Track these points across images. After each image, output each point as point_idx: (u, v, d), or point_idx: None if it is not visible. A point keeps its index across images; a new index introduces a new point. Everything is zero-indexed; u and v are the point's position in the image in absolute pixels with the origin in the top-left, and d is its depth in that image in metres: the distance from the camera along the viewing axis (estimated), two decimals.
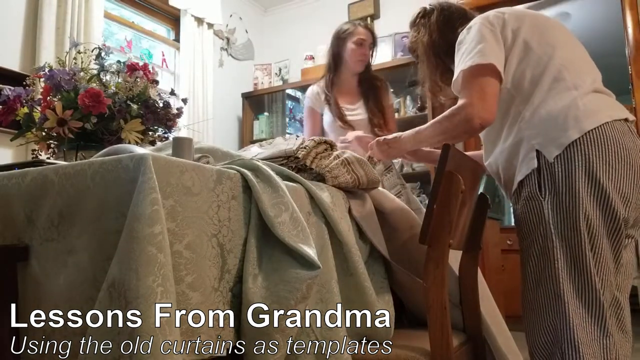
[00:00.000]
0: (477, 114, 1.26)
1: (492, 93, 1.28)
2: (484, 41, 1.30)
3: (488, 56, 1.28)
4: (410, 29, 1.65)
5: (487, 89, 1.28)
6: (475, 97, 1.27)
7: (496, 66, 1.28)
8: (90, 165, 0.82)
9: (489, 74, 1.28)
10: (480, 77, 1.28)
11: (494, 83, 1.29)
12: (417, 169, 3.46)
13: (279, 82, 4.19)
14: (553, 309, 1.18)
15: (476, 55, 1.29)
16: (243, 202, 0.95)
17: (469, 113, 1.27)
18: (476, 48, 1.30)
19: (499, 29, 1.34)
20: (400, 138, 1.49)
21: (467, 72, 1.30)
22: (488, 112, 1.27)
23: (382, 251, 1.21)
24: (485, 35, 1.32)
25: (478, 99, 1.27)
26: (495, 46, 1.31)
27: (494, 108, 1.28)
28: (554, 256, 1.18)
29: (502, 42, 1.32)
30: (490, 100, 1.27)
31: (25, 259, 0.87)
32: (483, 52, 1.29)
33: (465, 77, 1.31)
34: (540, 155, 1.23)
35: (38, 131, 1.40)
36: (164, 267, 0.72)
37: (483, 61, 1.28)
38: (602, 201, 1.16)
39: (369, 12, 4.06)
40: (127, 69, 1.43)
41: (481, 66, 1.28)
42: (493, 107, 1.28)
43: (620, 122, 1.22)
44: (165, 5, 3.71)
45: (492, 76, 1.28)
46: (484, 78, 1.28)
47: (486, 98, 1.27)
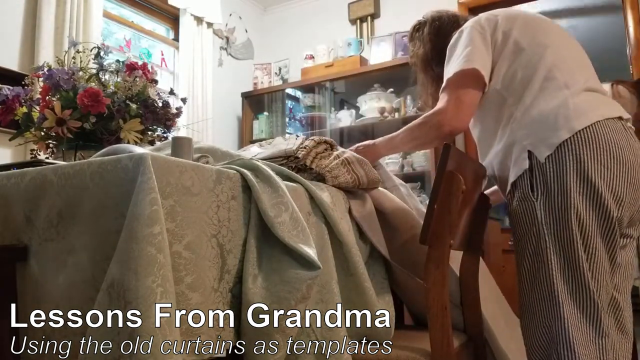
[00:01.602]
0: (448, 121, 1.30)
1: (469, 102, 1.32)
2: (471, 45, 1.32)
3: (473, 61, 1.30)
4: (409, 44, 1.67)
5: (464, 97, 1.31)
6: (450, 105, 1.31)
7: (480, 71, 1.30)
8: (90, 165, 0.82)
9: (470, 81, 1.31)
10: (460, 86, 1.32)
11: (473, 92, 1.32)
12: (417, 169, 3.45)
13: (279, 81, 4.19)
14: (548, 310, 1.18)
15: (462, 60, 1.32)
16: (243, 202, 0.95)
17: (440, 120, 1.32)
18: (463, 53, 1.32)
19: (490, 31, 1.34)
20: (375, 144, 1.51)
21: (451, 79, 1.33)
22: (460, 120, 1.31)
23: (382, 251, 1.21)
24: (474, 38, 1.33)
25: (453, 106, 1.31)
26: (482, 50, 1.32)
27: (467, 117, 1.33)
28: (547, 257, 1.18)
29: (491, 45, 1.34)
30: (465, 110, 1.31)
31: (24, 259, 0.87)
32: (468, 58, 1.31)
33: (447, 83, 1.34)
34: (532, 155, 1.23)
35: (37, 131, 1.40)
36: (164, 267, 0.72)
37: (467, 66, 1.30)
38: (594, 201, 1.16)
39: (369, 12, 4.06)
40: (126, 68, 1.43)
41: (465, 72, 1.31)
42: (467, 117, 1.33)
43: (614, 120, 1.21)
44: (164, 5, 3.71)
45: (473, 83, 1.31)
46: (464, 87, 1.32)
47: (461, 107, 1.31)
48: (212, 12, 3.91)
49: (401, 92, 3.67)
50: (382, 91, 3.70)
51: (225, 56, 4.22)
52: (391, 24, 3.86)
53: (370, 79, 3.72)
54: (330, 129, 3.84)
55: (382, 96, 3.68)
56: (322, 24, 4.26)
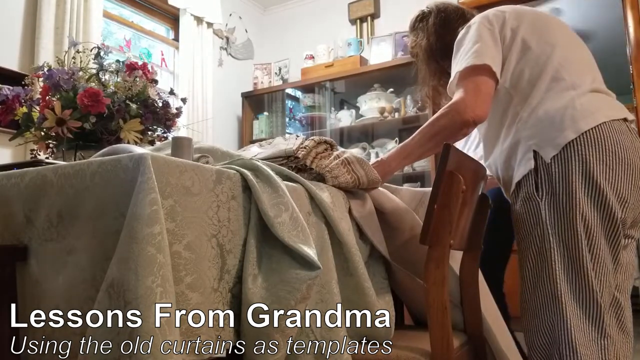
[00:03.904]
0: (471, 109, 1.24)
1: (487, 92, 1.27)
2: (480, 41, 1.30)
3: (483, 57, 1.28)
4: (409, 34, 1.64)
5: (481, 86, 1.27)
6: (469, 94, 1.26)
7: (491, 67, 1.27)
8: (89, 165, 0.82)
9: (484, 74, 1.28)
10: (475, 76, 1.28)
11: (489, 82, 1.28)
12: (417, 169, 3.45)
13: (279, 81, 4.19)
14: (551, 310, 1.18)
15: (472, 56, 1.29)
16: (243, 202, 0.95)
17: (462, 108, 1.25)
18: (472, 49, 1.30)
19: (498, 28, 1.33)
20: (384, 159, 1.39)
21: (462, 72, 1.30)
22: (480, 109, 1.25)
23: (382, 251, 1.21)
24: (483, 35, 1.31)
25: (472, 95, 1.26)
26: (492, 46, 1.30)
27: (487, 106, 1.27)
28: (551, 257, 1.18)
29: (500, 41, 1.32)
30: (484, 98, 1.26)
31: (24, 259, 0.87)
32: (479, 53, 1.28)
33: (460, 77, 1.30)
34: (537, 155, 1.22)
35: (37, 131, 1.40)
36: (163, 267, 0.71)
37: (478, 62, 1.28)
38: (599, 202, 1.16)
39: (369, 12, 4.06)
40: (126, 68, 1.43)
41: (476, 67, 1.28)
42: (486, 105, 1.27)
43: (619, 121, 1.22)
44: (164, 5, 3.71)
45: (487, 76, 1.28)
46: (479, 77, 1.28)
47: (480, 95, 1.26)
48: (212, 12, 3.91)
49: (401, 92, 3.67)
50: (382, 91, 3.70)
51: (225, 56, 4.22)
52: (391, 24, 3.86)
53: (370, 79, 3.72)
54: (330, 129, 3.84)
55: (382, 96, 3.68)
56: (322, 24, 4.26)
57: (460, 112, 1.25)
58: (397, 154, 1.37)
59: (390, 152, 1.43)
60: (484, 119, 1.28)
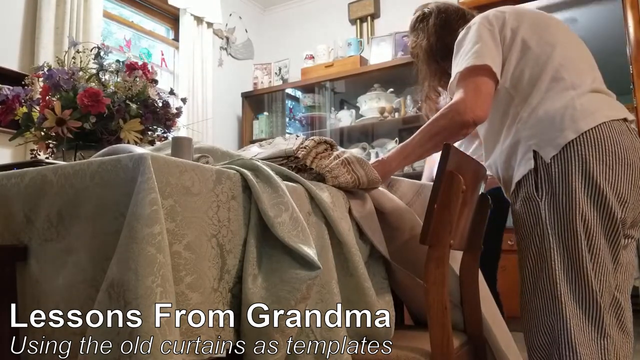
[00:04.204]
0: (471, 109, 1.25)
1: (487, 92, 1.28)
2: (480, 42, 1.30)
3: (484, 57, 1.28)
4: (410, 34, 1.64)
5: (481, 87, 1.27)
6: (469, 94, 1.26)
7: (492, 67, 1.28)
8: (89, 165, 0.82)
9: (484, 74, 1.28)
10: (475, 77, 1.28)
11: (489, 83, 1.28)
12: (418, 169, 3.45)
13: (279, 81, 4.19)
14: (550, 310, 1.18)
15: (472, 56, 1.29)
16: (243, 202, 0.94)
17: (462, 109, 1.26)
18: (472, 49, 1.30)
19: (498, 28, 1.33)
20: (384, 159, 1.39)
21: (462, 73, 1.30)
22: (481, 109, 1.26)
23: (382, 251, 1.21)
24: (483, 35, 1.31)
25: (472, 96, 1.26)
26: (492, 47, 1.30)
27: (487, 106, 1.27)
28: (551, 257, 1.18)
29: (500, 42, 1.32)
30: (484, 98, 1.26)
31: (24, 259, 0.87)
32: (479, 54, 1.28)
33: (460, 77, 1.31)
34: (537, 155, 1.22)
35: (37, 131, 1.40)
36: (163, 267, 0.71)
37: (478, 62, 1.28)
38: (598, 202, 1.16)
39: (369, 12, 4.06)
40: (126, 68, 1.43)
41: (476, 67, 1.28)
42: (487, 105, 1.27)
43: (619, 121, 1.22)
44: (164, 5, 3.71)
45: (487, 77, 1.28)
46: (479, 77, 1.28)
47: (480, 96, 1.26)
48: (212, 12, 3.92)
49: (401, 92, 3.67)
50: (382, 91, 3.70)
51: (225, 56, 4.22)
52: (391, 24, 3.86)
53: (370, 79, 3.72)
54: (330, 129, 3.84)
55: (382, 96, 3.68)
56: (322, 24, 4.26)
57: (461, 112, 1.26)
58: (397, 154, 1.38)
59: (390, 152, 1.43)
60: (484, 119, 1.28)
